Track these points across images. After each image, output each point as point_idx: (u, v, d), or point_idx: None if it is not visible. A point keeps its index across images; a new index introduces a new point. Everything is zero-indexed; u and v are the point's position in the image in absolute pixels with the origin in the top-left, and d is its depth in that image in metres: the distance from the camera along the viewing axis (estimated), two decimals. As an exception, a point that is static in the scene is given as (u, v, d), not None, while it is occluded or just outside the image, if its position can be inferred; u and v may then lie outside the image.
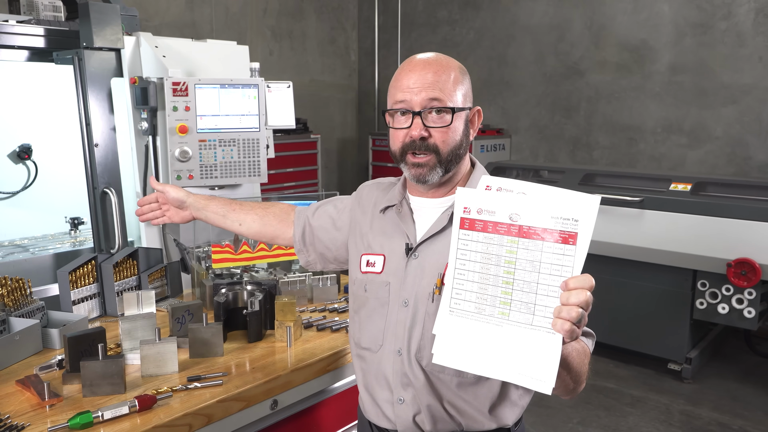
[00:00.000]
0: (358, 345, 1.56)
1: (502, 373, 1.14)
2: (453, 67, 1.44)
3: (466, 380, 1.41)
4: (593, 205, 1.09)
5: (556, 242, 1.10)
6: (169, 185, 1.87)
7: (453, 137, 1.42)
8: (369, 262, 1.54)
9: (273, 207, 1.87)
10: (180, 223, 1.91)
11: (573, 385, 1.29)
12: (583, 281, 1.07)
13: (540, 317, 1.11)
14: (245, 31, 6.41)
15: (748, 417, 3.78)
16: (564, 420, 3.75)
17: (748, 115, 5.13)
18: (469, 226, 1.18)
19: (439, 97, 1.39)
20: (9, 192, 3.01)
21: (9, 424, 1.40)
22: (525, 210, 1.13)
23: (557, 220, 1.10)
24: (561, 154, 6.25)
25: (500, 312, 1.14)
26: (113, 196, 2.62)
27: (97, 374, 1.52)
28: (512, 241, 1.14)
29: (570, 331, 1.06)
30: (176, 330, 1.88)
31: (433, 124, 1.40)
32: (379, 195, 1.61)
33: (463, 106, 1.44)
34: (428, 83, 1.39)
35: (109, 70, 2.63)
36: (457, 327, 1.18)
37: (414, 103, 1.40)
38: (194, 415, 1.49)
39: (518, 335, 1.12)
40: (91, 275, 2.10)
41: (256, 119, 2.66)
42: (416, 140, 1.40)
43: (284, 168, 6.03)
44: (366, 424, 1.58)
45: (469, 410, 1.43)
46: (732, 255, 3.82)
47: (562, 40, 6.08)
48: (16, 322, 1.84)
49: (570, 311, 1.06)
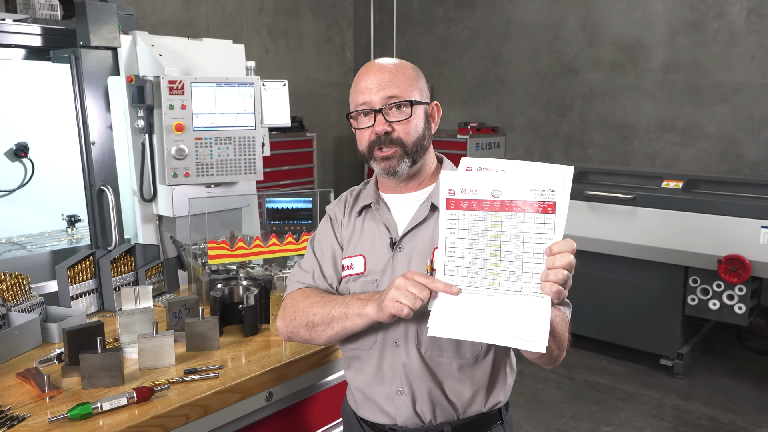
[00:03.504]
0: (346, 347, 1.58)
1: (498, 338, 1.20)
2: (406, 67, 1.54)
3: (464, 361, 1.45)
4: (567, 174, 1.18)
5: (536, 212, 1.19)
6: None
7: (415, 128, 1.50)
8: (346, 266, 1.56)
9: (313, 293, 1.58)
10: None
11: (557, 351, 1.36)
12: (566, 245, 1.17)
13: (528, 284, 1.19)
14: (241, 29, 6.43)
15: (739, 412, 3.82)
16: (557, 415, 3.79)
17: (741, 114, 5.18)
18: (455, 206, 1.26)
19: (397, 94, 1.48)
20: (6, 190, 3.03)
21: (10, 415, 1.43)
22: (505, 186, 1.21)
23: (536, 192, 1.19)
24: (555, 152, 6.29)
25: (491, 283, 1.22)
26: (110, 193, 2.64)
27: (96, 367, 1.56)
28: (496, 216, 1.22)
29: (558, 292, 1.15)
30: (173, 324, 1.91)
31: (395, 118, 1.48)
32: (350, 203, 1.65)
33: (422, 99, 1.52)
34: (385, 82, 1.49)
35: (105, 69, 2.65)
36: (452, 301, 1.25)
37: (374, 102, 1.48)
38: (191, 406, 1.53)
39: (510, 302, 1.20)
40: (89, 271, 2.12)
41: (251, 117, 2.68)
42: (381, 135, 1.48)
43: (280, 166, 6.06)
44: (355, 422, 1.60)
45: (466, 393, 1.47)
46: (723, 251, 3.86)
47: (557, 39, 6.12)
48: (16, 316, 1.87)
49: (557, 273, 1.15)
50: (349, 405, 1.64)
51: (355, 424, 1.60)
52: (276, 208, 2.64)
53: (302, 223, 2.58)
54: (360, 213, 1.60)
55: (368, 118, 1.50)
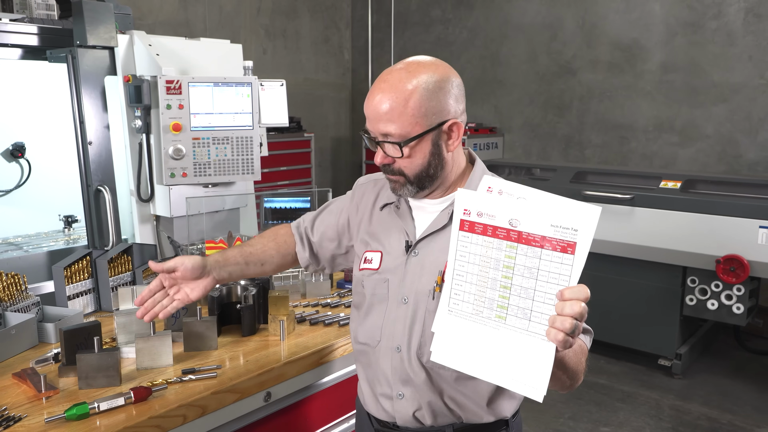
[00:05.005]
0: (356, 340, 1.58)
1: (496, 377, 1.15)
2: (415, 89, 1.36)
3: (464, 375, 1.43)
4: (593, 215, 1.08)
5: (554, 250, 1.10)
6: (179, 257, 1.57)
7: (414, 163, 1.41)
8: (366, 259, 1.55)
9: (280, 233, 1.77)
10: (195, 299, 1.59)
11: (569, 382, 1.30)
12: (579, 292, 1.08)
13: (536, 323, 1.12)
14: (239, 29, 6.43)
15: (737, 412, 3.83)
16: (555, 415, 3.79)
17: (738, 114, 5.19)
18: (469, 228, 1.19)
19: (391, 132, 1.37)
20: (2, 190, 3.02)
21: (6, 416, 1.42)
22: (525, 216, 1.13)
23: (557, 228, 1.10)
24: (553, 152, 6.29)
25: (497, 315, 1.16)
26: (107, 193, 2.63)
27: (93, 367, 1.55)
28: (511, 247, 1.14)
29: (563, 341, 1.08)
30: (171, 324, 1.90)
31: (392, 154, 1.41)
32: (379, 192, 1.63)
33: (423, 130, 1.37)
34: (381, 115, 1.37)
35: (102, 69, 2.65)
36: (456, 327, 1.20)
37: (373, 132, 1.41)
38: (189, 406, 1.51)
39: (514, 340, 1.14)
40: (86, 271, 2.11)
41: (249, 117, 2.67)
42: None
43: (278, 167, 6.05)
44: (365, 415, 1.60)
45: (468, 404, 1.45)
46: (721, 251, 3.87)
47: (555, 39, 6.12)
48: (12, 316, 1.86)
49: (564, 322, 1.07)
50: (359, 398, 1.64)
51: (364, 416, 1.60)
52: (274, 207, 2.64)
53: (300, 223, 2.57)
54: (382, 208, 1.59)
55: (371, 143, 1.45)
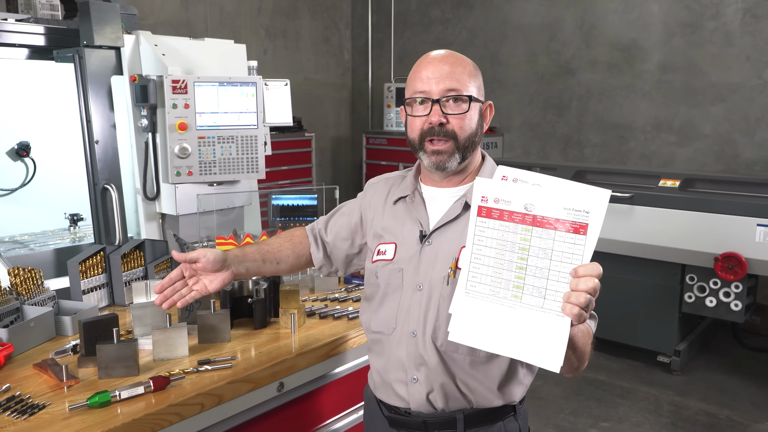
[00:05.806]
0: (369, 330, 1.63)
1: (514, 351, 1.22)
2: (467, 63, 1.53)
3: (477, 359, 1.48)
4: (604, 198, 1.17)
5: (567, 232, 1.18)
6: (202, 249, 1.58)
7: (469, 124, 1.50)
8: (380, 251, 1.60)
9: (295, 234, 1.82)
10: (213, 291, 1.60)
11: (577, 363, 1.37)
12: (592, 269, 1.16)
13: (551, 301, 1.19)
14: (239, 29, 6.46)
15: (735, 407, 3.87)
16: (556, 411, 3.83)
17: (736, 114, 5.24)
18: (486, 214, 1.25)
19: (456, 87, 1.47)
20: (8, 189, 3.03)
21: (31, 403, 1.46)
22: (539, 201, 1.21)
23: (569, 211, 1.18)
24: (553, 152, 6.33)
25: (513, 295, 1.22)
26: (114, 192, 2.66)
27: (112, 357, 1.58)
28: (526, 230, 1.22)
29: (578, 315, 1.15)
30: (185, 317, 1.93)
31: (451, 111, 1.48)
32: (390, 188, 1.68)
33: (478, 97, 1.52)
34: (445, 74, 1.48)
35: (109, 68, 2.67)
36: (473, 307, 1.26)
37: (432, 92, 1.48)
38: (206, 395, 1.55)
39: (530, 317, 1.20)
40: (99, 266, 2.15)
41: (254, 116, 2.70)
42: (435, 126, 1.48)
43: (279, 166, 6.07)
44: (375, 404, 1.64)
45: (479, 388, 1.50)
46: (719, 249, 3.91)
47: (554, 40, 6.17)
48: (30, 310, 1.89)
49: (579, 297, 1.14)
50: (369, 387, 1.68)
51: (374, 405, 1.64)
52: (282, 204, 2.67)
53: (308, 220, 2.61)
54: (396, 202, 1.64)
55: (424, 107, 1.49)
